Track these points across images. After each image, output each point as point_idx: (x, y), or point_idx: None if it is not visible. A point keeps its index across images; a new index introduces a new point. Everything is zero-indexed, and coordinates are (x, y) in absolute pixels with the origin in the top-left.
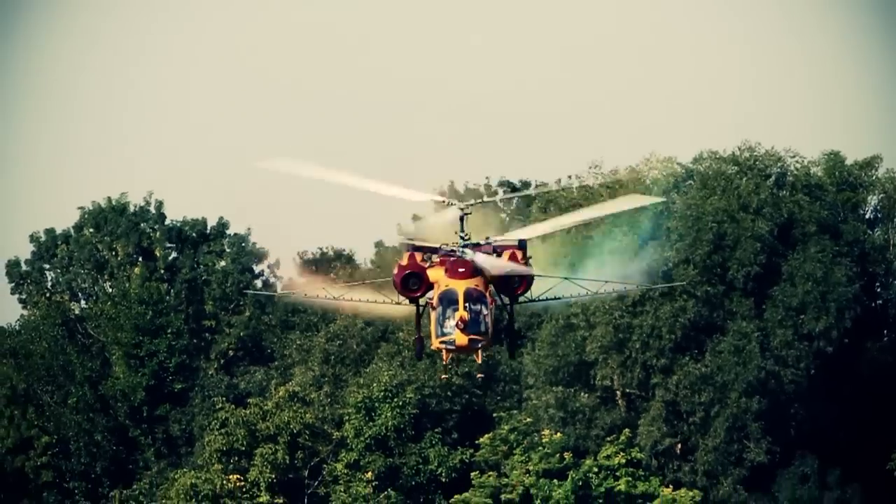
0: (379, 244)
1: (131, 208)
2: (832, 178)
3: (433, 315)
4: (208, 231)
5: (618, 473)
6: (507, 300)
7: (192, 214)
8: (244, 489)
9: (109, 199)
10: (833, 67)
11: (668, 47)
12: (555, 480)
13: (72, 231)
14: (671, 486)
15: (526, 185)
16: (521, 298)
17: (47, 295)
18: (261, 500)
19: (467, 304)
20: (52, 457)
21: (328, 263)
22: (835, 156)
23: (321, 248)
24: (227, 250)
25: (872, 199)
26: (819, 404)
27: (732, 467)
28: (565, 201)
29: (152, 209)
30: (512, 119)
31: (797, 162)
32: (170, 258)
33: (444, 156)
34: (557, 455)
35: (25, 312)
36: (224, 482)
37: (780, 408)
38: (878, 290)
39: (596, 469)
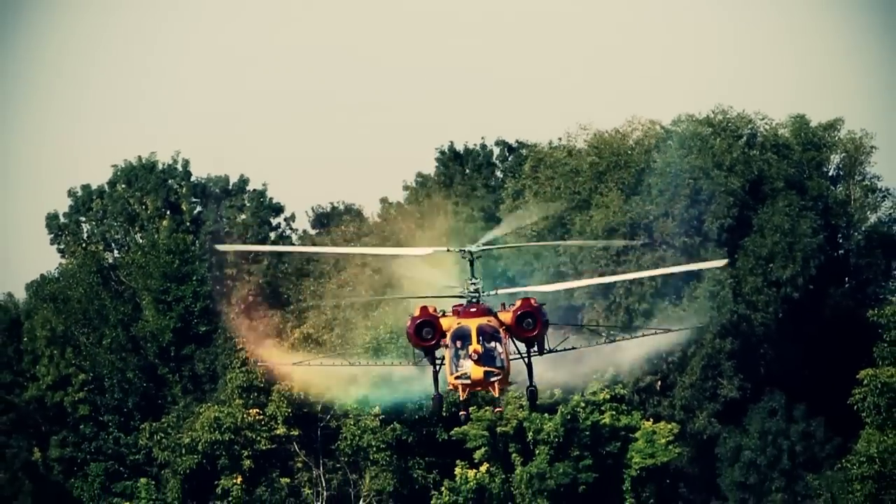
0: (384, 200)
1: (160, 166)
2: (798, 139)
3: (447, 354)
4: (230, 187)
5: (603, 408)
6: (523, 350)
7: (216, 172)
8: (262, 422)
9: (140, 158)
10: (800, 38)
11: (651, 19)
12: (545, 414)
13: (106, 187)
14: (651, 420)
15: (521, 145)
16: (538, 353)
17: (83, 245)
18: (278, 431)
19: (480, 339)
20: (88, 392)
21: (339, 217)
22: (801, 118)
23: (332, 203)
24: (247, 205)
25: (835, 158)
26: (786, 345)
27: (707, 402)
28: (555, 160)
29: (179, 167)
30: (506, 84)
31: (766, 124)
32: (195, 212)
33: (442, 119)
34: (548, 392)
35: (63, 261)
36: (244, 416)
37: (751, 348)
38: (840, 240)
39: (583, 404)
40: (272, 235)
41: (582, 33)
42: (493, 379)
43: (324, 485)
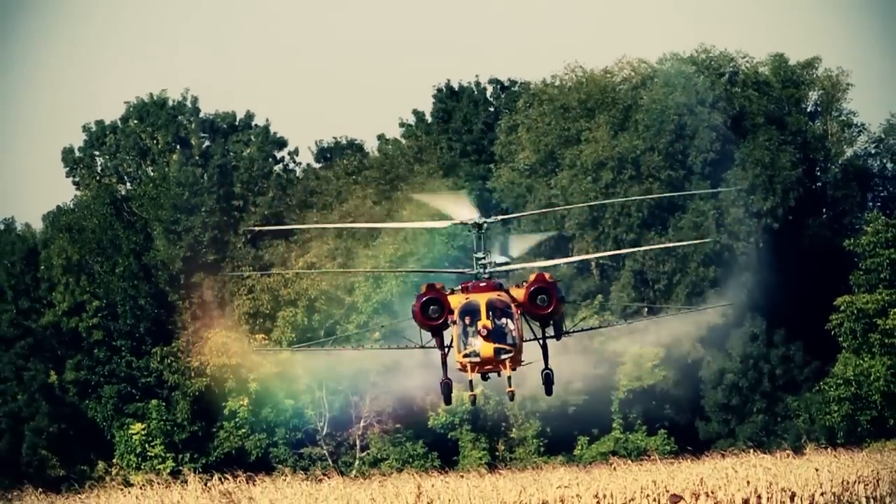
0: (381, 136)
1: (170, 103)
2: (778, 77)
3: (455, 332)
4: (237, 122)
5: (592, 333)
6: (538, 333)
7: (223, 108)
8: (268, 347)
9: (151, 95)
10: None
11: None
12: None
13: (119, 122)
14: (638, 345)
15: (513, 82)
16: (555, 336)
17: (97, 178)
18: (282, 356)
19: (490, 314)
20: (101, 318)
21: (341, 151)
22: (780, 57)
23: (335, 138)
24: (253, 139)
25: (813, 95)
26: (766, 273)
27: (692, 328)
28: (548, 97)
29: (188, 104)
30: (501, 24)
31: (747, 62)
32: (203, 146)
33: (440, 58)
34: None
35: (78, 193)
36: (251, 340)
37: (733, 276)
38: (818, 173)
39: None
40: (276, 168)
41: None
42: (503, 357)
43: (326, 406)
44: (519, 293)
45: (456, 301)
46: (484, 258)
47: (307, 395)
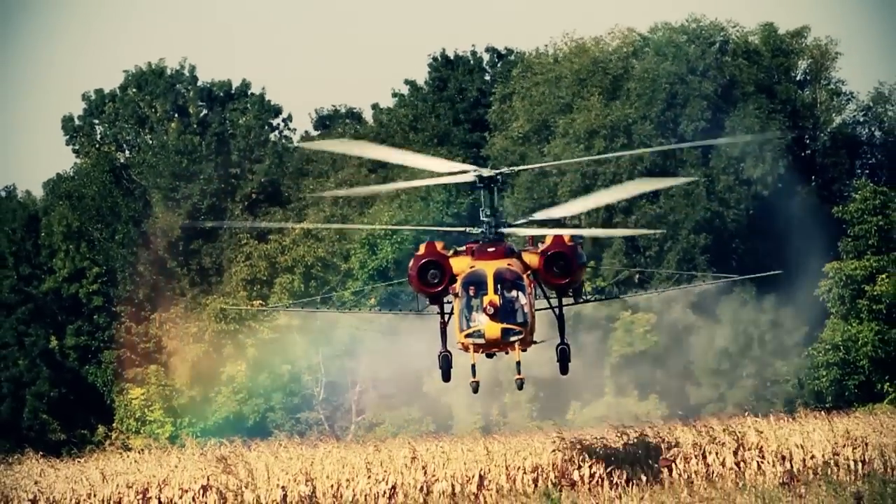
0: (375, 106)
1: (168, 71)
2: (767, 46)
3: (457, 305)
4: (233, 91)
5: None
6: (554, 301)
7: (220, 76)
8: (265, 313)
9: (150, 64)
10: None
11: None
12: None
13: (118, 91)
14: (630, 311)
15: (509, 51)
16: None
17: (97, 146)
18: (279, 321)
19: (498, 287)
20: (101, 284)
21: (339, 119)
22: (769, 26)
23: (334, 106)
24: (249, 107)
25: (802, 64)
26: (757, 240)
27: (683, 294)
28: (542, 67)
29: (186, 72)
30: None
31: (737, 31)
32: (201, 114)
33: (435, 27)
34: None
35: (78, 161)
36: (248, 306)
37: (723, 243)
38: (807, 141)
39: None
40: (272, 136)
41: None
42: (512, 339)
43: (322, 372)
44: (533, 259)
45: (459, 265)
46: (492, 216)
47: (304, 360)
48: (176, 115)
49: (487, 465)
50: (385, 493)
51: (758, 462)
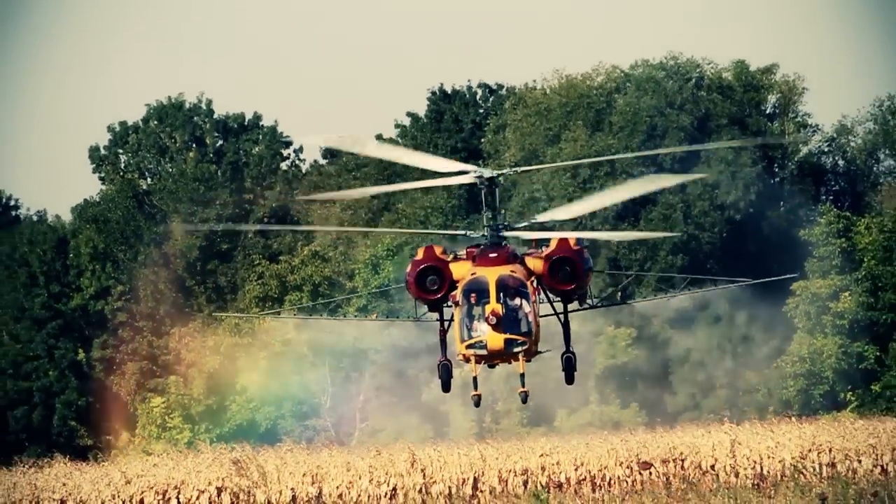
0: (379, 136)
1: (187, 105)
2: (739, 81)
3: (457, 315)
4: (246, 123)
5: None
6: (559, 307)
7: (235, 110)
8: (277, 328)
9: (170, 98)
10: None
11: None
12: None
13: (140, 123)
14: (613, 326)
15: (500, 86)
16: (578, 305)
17: (121, 174)
18: (289, 335)
19: (501, 295)
20: (125, 301)
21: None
22: (741, 63)
23: (341, 137)
24: (261, 138)
25: (771, 98)
26: (730, 260)
27: (661, 310)
28: (532, 100)
29: (203, 106)
30: (489, 32)
31: (712, 68)
32: (217, 144)
33: (434, 64)
34: None
35: (104, 187)
36: (260, 321)
37: (699, 263)
38: (776, 169)
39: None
40: (283, 165)
41: None
42: (516, 349)
43: (329, 382)
44: (537, 264)
45: (459, 271)
46: (496, 218)
47: (312, 372)
48: (194, 145)
49: (481, 469)
50: (386, 494)
51: (731, 465)
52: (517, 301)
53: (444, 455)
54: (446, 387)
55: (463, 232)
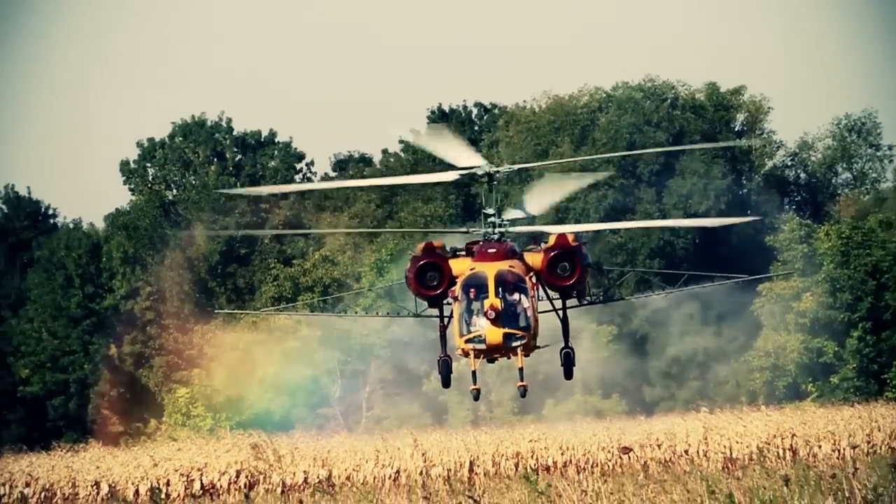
0: (384, 151)
1: (209, 123)
2: (711, 101)
3: (456, 310)
4: (263, 139)
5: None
6: (558, 303)
7: (252, 127)
8: (291, 326)
9: (193, 116)
10: (712, 23)
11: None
12: None
13: (166, 139)
14: (595, 323)
15: (494, 106)
16: (578, 300)
17: (149, 185)
18: (302, 333)
19: (499, 290)
20: (152, 301)
21: (355, 163)
22: (713, 85)
23: (349, 151)
24: (276, 153)
25: (740, 117)
26: (702, 264)
27: (640, 309)
28: (522, 118)
29: (224, 123)
30: (483, 57)
31: (685, 89)
32: (236, 159)
33: (433, 85)
34: None
35: (133, 198)
36: (275, 319)
37: (674, 267)
38: (744, 182)
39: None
40: (297, 178)
41: (548, 20)
42: (515, 344)
43: (338, 374)
44: (536, 259)
45: (459, 267)
46: (494, 215)
47: (322, 365)
48: (215, 160)
49: (477, 453)
50: (390, 476)
51: (703, 450)
52: (516, 296)
53: (442, 441)
54: (446, 382)
55: (465, 229)
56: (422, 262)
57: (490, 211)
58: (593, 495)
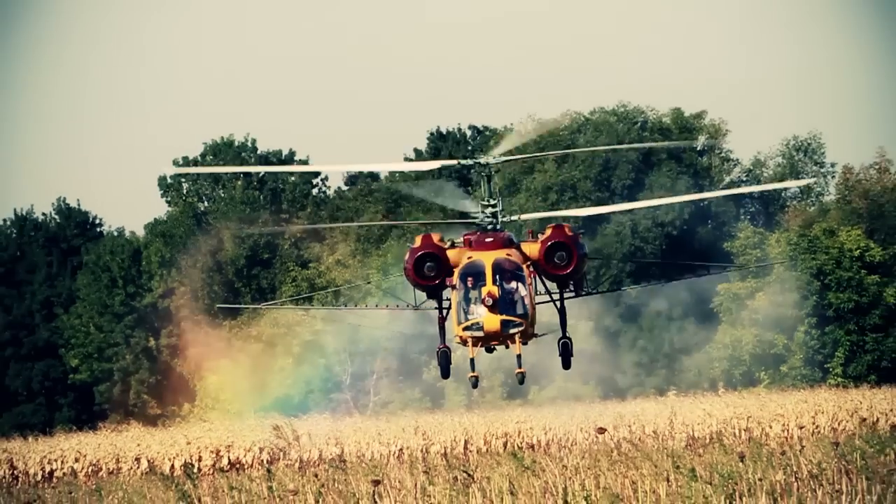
0: (391, 173)
1: (236, 143)
2: (676, 124)
3: (454, 298)
4: (283, 157)
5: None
6: (556, 295)
7: (274, 147)
8: (307, 321)
9: (222, 137)
10: (681, 54)
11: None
12: None
13: (199, 157)
14: (573, 320)
15: (486, 128)
16: (576, 292)
17: (183, 198)
18: (317, 327)
19: (497, 277)
20: (186, 300)
21: (363, 177)
22: (677, 110)
23: (360, 171)
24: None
25: (701, 138)
26: (668, 267)
27: (613, 307)
28: (511, 139)
29: (249, 143)
30: (476, 85)
31: (654, 113)
32: (260, 175)
33: (433, 109)
34: None
35: (170, 209)
36: (292, 316)
37: (644, 269)
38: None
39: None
40: (313, 191)
41: (535, 54)
42: (512, 331)
43: (349, 363)
44: (533, 249)
45: (456, 257)
46: (492, 204)
47: (335, 356)
48: (241, 175)
49: (471, 433)
50: (394, 453)
51: (668, 430)
52: (513, 284)
53: (440, 422)
54: (445, 373)
55: (463, 220)
56: (420, 253)
57: (487, 201)
58: (572, 470)
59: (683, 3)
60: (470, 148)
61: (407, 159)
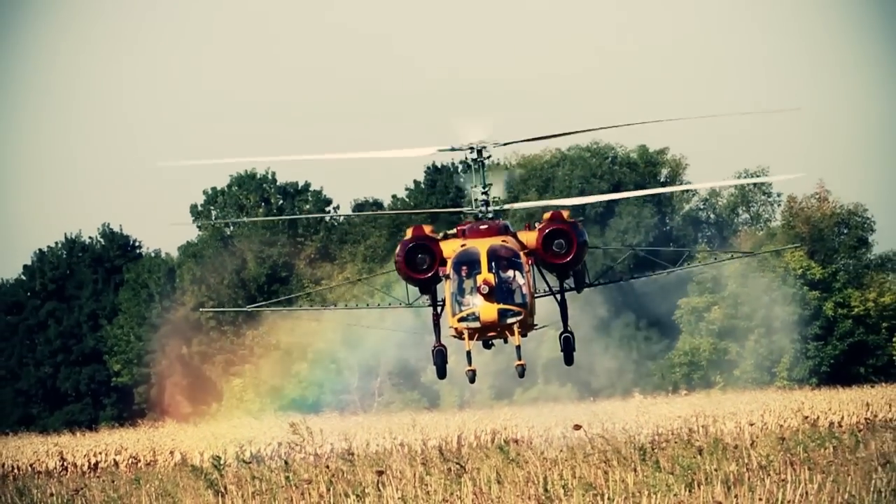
0: (394, 196)
1: (258, 175)
2: (642, 159)
3: (448, 288)
4: (299, 188)
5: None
6: (555, 285)
7: (291, 179)
8: (318, 331)
9: (246, 171)
10: (646, 98)
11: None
12: None
13: (226, 188)
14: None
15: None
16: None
17: (212, 224)
18: (330, 336)
19: (492, 265)
20: (214, 312)
21: (370, 206)
22: (643, 146)
23: (366, 197)
24: (310, 199)
25: (664, 171)
26: (635, 284)
27: (589, 320)
28: (498, 172)
29: (269, 176)
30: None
31: (622, 149)
32: (279, 203)
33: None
34: None
35: (200, 233)
36: (307, 324)
37: (614, 287)
38: (668, 220)
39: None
40: (327, 218)
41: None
42: (510, 320)
43: (357, 368)
44: (530, 237)
45: (450, 248)
46: (486, 192)
47: (344, 361)
48: (263, 204)
49: (463, 430)
50: (396, 447)
51: (636, 426)
52: (510, 272)
53: (436, 420)
54: (441, 372)
55: (457, 210)
56: (411, 245)
57: (481, 189)
58: (552, 462)
59: (649, 58)
60: (462, 179)
61: (407, 189)
